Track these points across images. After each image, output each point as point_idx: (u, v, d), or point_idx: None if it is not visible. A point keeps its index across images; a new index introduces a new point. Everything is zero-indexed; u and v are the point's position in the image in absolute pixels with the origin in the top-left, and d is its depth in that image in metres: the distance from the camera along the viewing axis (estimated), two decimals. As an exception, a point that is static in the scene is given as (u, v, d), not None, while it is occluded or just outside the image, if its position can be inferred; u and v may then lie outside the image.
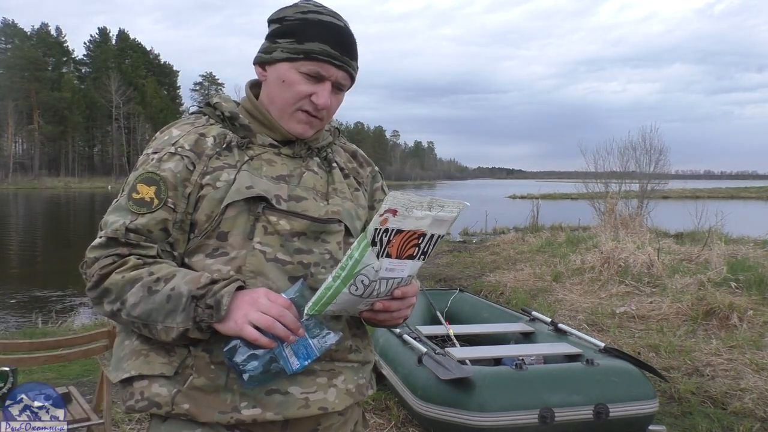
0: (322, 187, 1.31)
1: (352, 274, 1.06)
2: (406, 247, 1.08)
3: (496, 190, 72.29)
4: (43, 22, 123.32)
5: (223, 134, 1.27)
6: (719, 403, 4.03)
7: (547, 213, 18.10)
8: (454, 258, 11.23)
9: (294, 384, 1.20)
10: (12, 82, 73.88)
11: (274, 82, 1.28)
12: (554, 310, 6.67)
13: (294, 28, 1.25)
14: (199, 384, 1.18)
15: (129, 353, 1.22)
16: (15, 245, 16.95)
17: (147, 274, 1.15)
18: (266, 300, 1.11)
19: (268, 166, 1.27)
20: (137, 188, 1.21)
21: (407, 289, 1.18)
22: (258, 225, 1.21)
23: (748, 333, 5.47)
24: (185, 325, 1.12)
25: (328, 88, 1.26)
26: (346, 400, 1.27)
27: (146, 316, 1.14)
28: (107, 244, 1.18)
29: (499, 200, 41.72)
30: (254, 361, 1.09)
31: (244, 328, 1.09)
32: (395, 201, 1.03)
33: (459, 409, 3.06)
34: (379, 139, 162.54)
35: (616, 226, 12.16)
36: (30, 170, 77.52)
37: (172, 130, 1.30)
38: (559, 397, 3.06)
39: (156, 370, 1.19)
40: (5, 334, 6.49)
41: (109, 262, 1.17)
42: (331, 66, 1.25)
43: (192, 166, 1.23)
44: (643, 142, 15.24)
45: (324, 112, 1.28)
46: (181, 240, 1.23)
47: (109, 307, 1.18)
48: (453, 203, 1.10)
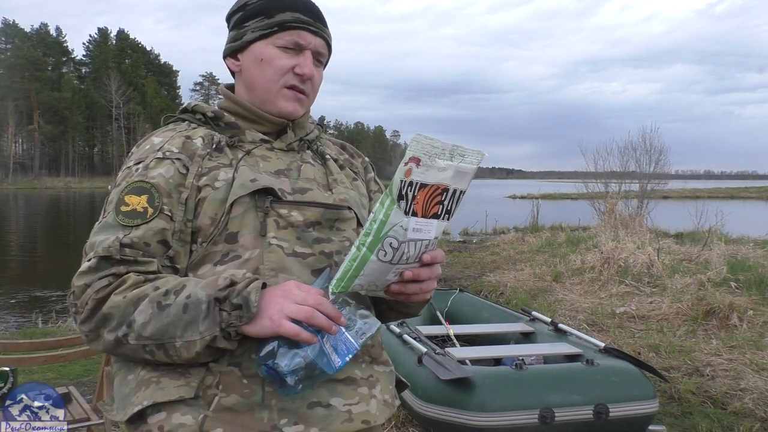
0: (321, 179, 1.25)
1: (378, 237, 0.97)
2: (431, 205, 1.00)
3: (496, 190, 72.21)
4: (43, 22, 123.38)
5: (210, 135, 1.19)
6: (719, 403, 4.03)
7: (547, 213, 18.10)
8: (454, 258, 11.23)
9: (335, 395, 1.10)
10: (12, 82, 73.94)
11: (252, 65, 1.21)
12: (554, 310, 6.67)
13: (259, 7, 1.20)
14: (230, 403, 1.03)
15: (136, 386, 1.07)
16: (15, 245, 16.95)
17: (152, 290, 1.02)
18: (299, 290, 1.01)
19: (264, 161, 1.19)
20: (125, 200, 1.08)
21: (435, 254, 1.06)
22: (269, 220, 1.12)
23: (748, 333, 5.47)
24: (212, 332, 0.98)
25: (309, 57, 1.20)
26: (385, 412, 1.18)
27: (161, 334, 0.99)
28: (98, 266, 1.03)
29: (499, 200, 41.70)
30: (298, 359, 0.98)
31: (283, 324, 0.97)
32: (419, 147, 0.95)
33: (459, 409, 3.06)
34: (379, 139, 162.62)
35: (616, 226, 12.16)
36: (30, 170, 77.56)
37: (153, 139, 1.20)
38: (559, 397, 3.06)
39: (173, 394, 1.03)
40: (5, 334, 6.49)
41: (104, 284, 1.02)
42: (308, 33, 1.19)
43: (185, 169, 1.12)
44: (643, 142, 15.27)
45: (309, 86, 1.22)
46: (182, 252, 1.10)
47: (112, 335, 1.02)
48: (472, 152, 1.02)
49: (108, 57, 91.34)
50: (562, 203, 30.46)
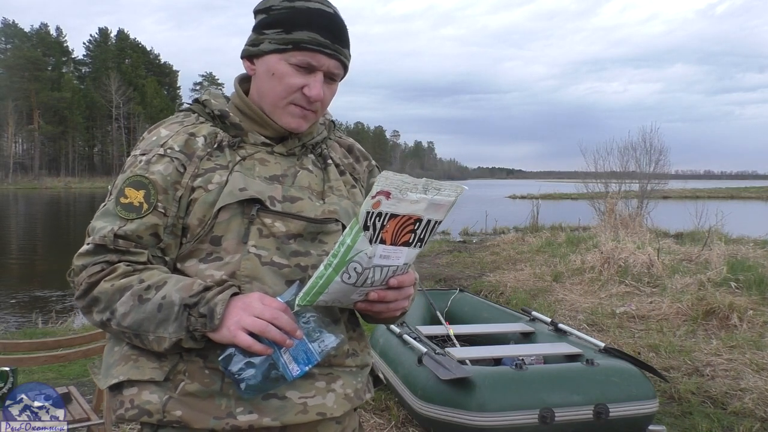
0: (317, 185, 1.27)
1: (344, 261, 1.01)
2: (401, 233, 1.03)
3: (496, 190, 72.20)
4: (43, 23, 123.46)
5: (213, 133, 1.23)
6: (719, 403, 4.03)
7: (547, 213, 18.09)
8: (454, 258, 11.22)
9: (292, 388, 1.16)
10: (12, 82, 73.90)
11: (264, 75, 1.22)
12: (554, 310, 6.67)
13: (281, 17, 1.20)
14: (193, 389, 1.13)
15: (119, 359, 1.18)
16: (15, 245, 16.95)
17: (137, 282, 1.11)
18: (259, 304, 1.06)
19: (261, 165, 1.22)
20: (125, 192, 1.17)
21: (403, 278, 1.11)
22: (252, 228, 1.16)
23: (748, 333, 5.47)
24: (178, 335, 1.08)
25: (320, 79, 1.20)
26: (345, 405, 1.23)
27: (137, 327, 1.10)
28: (95, 251, 1.14)
29: (499, 200, 41.69)
30: (251, 369, 1.04)
31: (238, 335, 1.04)
32: (388, 182, 0.97)
33: (459, 409, 3.06)
34: (379, 139, 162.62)
35: (616, 226, 12.15)
36: (30, 170, 77.53)
37: (161, 130, 1.25)
38: (559, 397, 3.06)
39: (146, 375, 1.14)
40: (5, 334, 6.49)
41: (97, 270, 1.13)
42: (322, 55, 1.19)
43: (182, 168, 1.18)
44: (643, 142, 15.28)
45: (318, 105, 1.23)
46: (172, 245, 1.18)
47: (99, 317, 1.14)
48: (450, 186, 1.04)
49: (108, 57, 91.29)
50: (562, 203, 30.45)
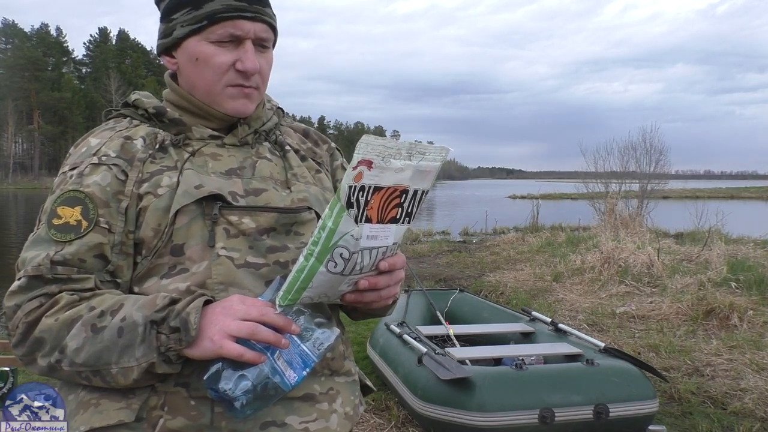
0: (279, 174, 1.13)
1: (327, 247, 0.87)
2: (387, 208, 0.91)
3: (496, 190, 72.24)
4: (43, 23, 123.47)
5: (152, 134, 1.08)
6: (719, 403, 4.03)
7: (547, 213, 18.09)
8: (454, 258, 11.22)
9: (291, 413, 1.02)
10: (12, 82, 73.91)
11: (188, 64, 1.08)
12: (554, 310, 6.66)
13: None
14: (176, 426, 0.96)
15: (75, 408, 1.01)
16: (15, 245, 16.95)
17: (87, 310, 0.94)
18: (242, 305, 0.93)
19: (214, 160, 1.08)
20: (58, 212, 0.99)
21: (394, 260, 0.97)
22: (218, 229, 1.02)
23: (748, 333, 5.47)
24: (148, 359, 0.91)
25: (250, 49, 1.05)
26: (346, 425, 1.11)
27: (95, 360, 0.92)
28: (29, 285, 0.96)
29: (499, 200, 41.72)
30: (244, 383, 0.91)
31: (225, 344, 0.89)
32: (370, 148, 0.85)
33: (459, 409, 3.06)
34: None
35: (616, 226, 12.15)
36: (30, 170, 77.54)
37: (90, 140, 1.08)
38: (559, 397, 3.06)
39: (112, 418, 0.96)
40: (5, 334, 6.49)
41: (35, 306, 0.95)
42: (243, 21, 1.04)
43: (123, 175, 1.02)
44: (643, 142, 15.29)
45: (257, 78, 1.08)
46: (124, 266, 1.01)
47: (45, 360, 0.95)
48: (435, 149, 0.93)
49: (108, 57, 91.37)
50: (562, 203, 30.45)
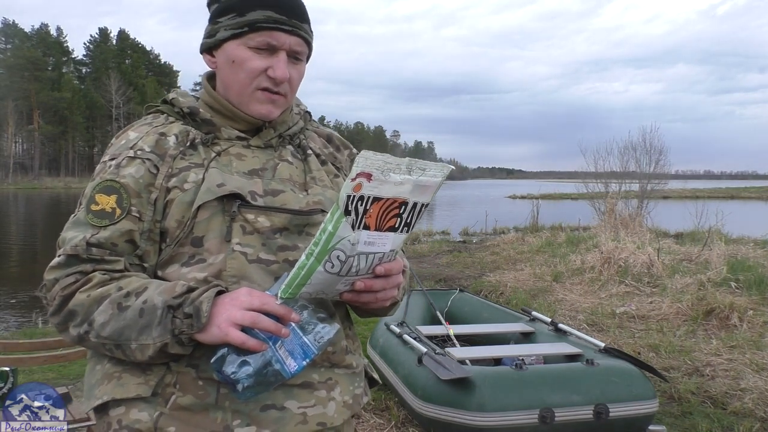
0: (299, 177, 1.22)
1: (326, 249, 0.95)
2: (386, 218, 0.96)
3: (496, 190, 72.25)
4: (43, 23, 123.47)
5: (185, 132, 1.18)
6: (719, 403, 4.03)
7: (547, 213, 18.10)
8: (454, 258, 11.23)
9: (291, 398, 1.11)
10: (12, 82, 73.92)
11: (225, 65, 1.18)
12: (554, 310, 6.67)
13: (233, 2, 1.15)
14: (185, 403, 1.07)
15: (101, 378, 1.12)
16: (15, 245, 16.95)
17: (115, 290, 1.05)
18: (248, 296, 1.01)
19: (238, 160, 1.17)
20: (96, 199, 1.11)
21: (391, 266, 1.04)
22: (235, 225, 1.11)
23: (748, 333, 5.47)
24: (163, 339, 1.01)
25: (283, 59, 1.15)
26: (344, 413, 1.18)
27: (118, 335, 1.03)
28: (67, 262, 1.08)
29: (499, 200, 41.73)
30: (246, 368, 0.98)
31: (229, 332, 0.97)
32: (368, 162, 0.90)
33: (459, 409, 3.06)
34: (379, 138, 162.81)
35: (616, 226, 12.15)
36: (30, 170, 77.56)
37: (129, 133, 1.19)
38: (559, 397, 3.06)
39: (131, 392, 1.07)
40: (5, 334, 6.49)
41: (71, 281, 1.07)
42: (281, 33, 1.13)
43: (155, 169, 1.13)
44: (643, 142, 15.28)
45: (285, 87, 1.17)
46: (151, 251, 1.12)
47: (76, 330, 1.06)
48: (435, 166, 0.98)
49: (108, 57, 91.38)
50: (562, 203, 30.45)
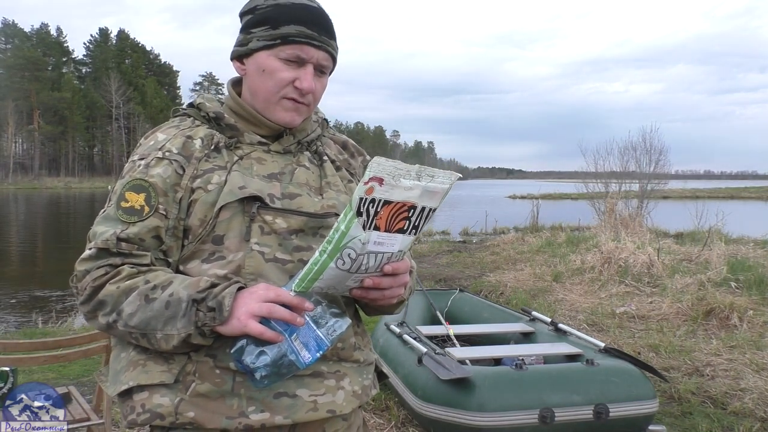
0: (314, 182, 1.29)
1: (338, 247, 1.01)
2: (395, 220, 1.03)
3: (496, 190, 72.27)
4: (43, 23, 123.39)
5: (210, 135, 1.25)
6: (719, 403, 4.03)
7: (547, 213, 18.09)
8: (454, 258, 11.23)
9: (302, 386, 1.18)
10: (12, 82, 73.92)
11: (255, 73, 1.25)
12: (554, 310, 6.67)
13: (267, 14, 1.22)
14: (204, 390, 1.15)
15: (126, 365, 1.19)
16: (15, 245, 16.95)
17: (143, 283, 1.12)
18: (264, 290, 1.08)
19: (259, 164, 1.25)
20: (126, 196, 1.18)
21: (398, 265, 1.12)
22: (254, 225, 1.18)
23: (748, 333, 5.47)
24: (187, 330, 1.08)
25: (310, 72, 1.23)
26: (353, 402, 1.26)
27: (144, 325, 1.11)
28: (98, 255, 1.15)
29: (499, 200, 41.73)
30: (264, 357, 1.05)
31: (249, 324, 1.05)
32: (381, 168, 0.96)
33: (459, 409, 3.06)
34: (379, 138, 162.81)
35: (616, 226, 12.15)
36: (30, 170, 77.57)
37: (158, 135, 1.27)
38: (559, 397, 3.06)
39: (155, 378, 1.15)
40: (5, 334, 6.49)
41: (101, 273, 1.14)
42: (311, 47, 1.22)
43: (181, 170, 1.20)
44: (643, 142, 15.26)
45: (310, 97, 1.25)
46: (174, 247, 1.20)
47: (105, 319, 1.14)
48: (444, 174, 1.03)
49: (108, 57, 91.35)
50: (562, 203, 30.45)
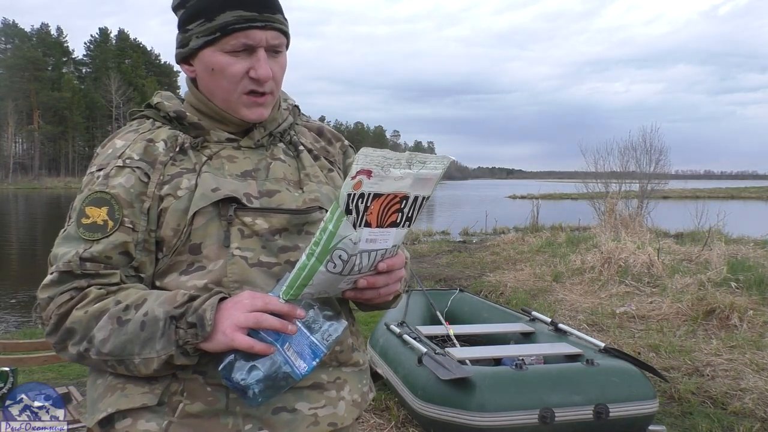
0: (293, 175, 1.19)
1: (327, 249, 0.93)
2: (387, 214, 0.96)
3: (496, 190, 72.29)
4: (44, 23, 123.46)
5: (173, 136, 1.14)
6: (719, 403, 4.03)
7: (547, 213, 18.09)
8: (454, 258, 11.23)
9: (301, 399, 1.10)
10: (12, 82, 73.97)
11: (205, 74, 1.14)
12: (554, 310, 6.67)
13: (199, 6, 1.11)
14: (195, 410, 1.04)
15: (103, 391, 1.08)
16: (15, 245, 16.95)
17: (113, 304, 1.02)
18: (250, 299, 0.99)
19: (230, 163, 1.15)
20: (86, 212, 1.07)
21: (393, 261, 1.04)
22: (233, 229, 1.08)
23: (748, 333, 5.47)
24: (167, 351, 0.98)
25: (263, 57, 1.10)
26: (354, 412, 1.18)
27: (120, 351, 1.00)
28: (61, 279, 1.04)
29: (499, 200, 41.74)
30: (256, 372, 0.96)
31: (235, 337, 0.95)
32: (368, 160, 0.89)
33: (459, 409, 3.06)
34: (379, 139, 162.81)
35: (616, 226, 12.15)
36: (30, 170, 77.59)
37: (115, 141, 1.15)
38: (559, 397, 3.06)
39: (136, 402, 1.04)
40: (5, 334, 6.49)
41: (66, 298, 1.03)
42: (255, 30, 1.09)
43: (146, 177, 1.09)
44: (644, 142, 15.26)
45: (270, 84, 1.13)
46: (147, 262, 1.09)
47: (75, 349, 1.03)
48: (435, 158, 0.97)
49: (108, 57, 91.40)
50: (562, 203, 30.45)
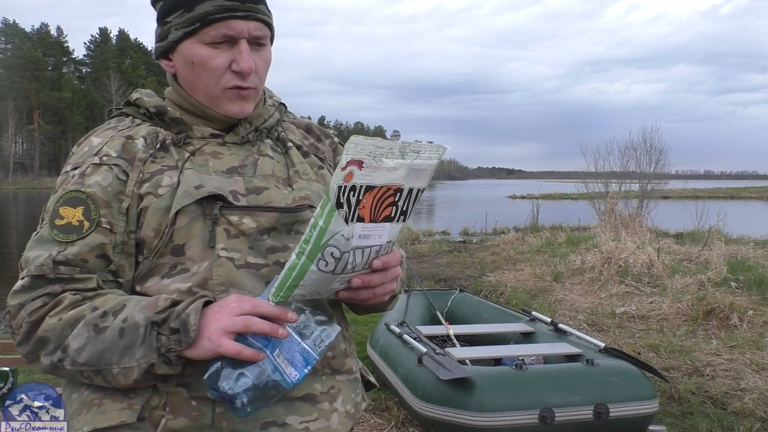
0: (281, 172, 1.13)
1: (318, 246, 0.87)
2: (380, 207, 0.90)
3: (496, 190, 72.29)
4: (44, 23, 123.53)
5: (154, 133, 1.08)
6: (719, 403, 4.03)
7: (547, 213, 18.08)
8: (454, 258, 11.22)
9: (292, 413, 1.03)
10: (12, 82, 73.93)
11: (185, 68, 1.08)
12: (554, 310, 6.66)
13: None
14: (178, 426, 0.97)
15: (79, 407, 1.01)
16: (15, 245, 16.95)
17: (90, 310, 0.95)
18: (237, 302, 0.93)
19: (215, 159, 1.08)
20: (60, 213, 1.01)
21: (388, 258, 0.97)
22: (218, 229, 1.02)
23: (748, 333, 5.47)
24: (148, 359, 0.92)
25: (245, 49, 1.04)
26: (347, 424, 1.12)
27: (97, 360, 0.93)
28: (33, 284, 0.97)
29: (499, 200, 41.75)
30: (245, 380, 0.91)
31: (222, 342, 0.89)
32: (359, 149, 0.83)
33: (459, 409, 3.06)
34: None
35: (616, 226, 12.14)
36: (30, 170, 77.57)
37: (92, 139, 1.09)
38: (559, 397, 3.06)
39: (114, 419, 0.96)
40: (5, 334, 6.49)
41: (39, 305, 0.96)
42: (236, 20, 1.03)
43: (124, 175, 1.03)
44: (644, 142, 15.26)
45: (254, 78, 1.08)
46: (126, 265, 1.02)
47: (48, 359, 0.95)
48: (430, 147, 0.91)
49: (108, 57, 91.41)
50: (562, 203, 30.44)
